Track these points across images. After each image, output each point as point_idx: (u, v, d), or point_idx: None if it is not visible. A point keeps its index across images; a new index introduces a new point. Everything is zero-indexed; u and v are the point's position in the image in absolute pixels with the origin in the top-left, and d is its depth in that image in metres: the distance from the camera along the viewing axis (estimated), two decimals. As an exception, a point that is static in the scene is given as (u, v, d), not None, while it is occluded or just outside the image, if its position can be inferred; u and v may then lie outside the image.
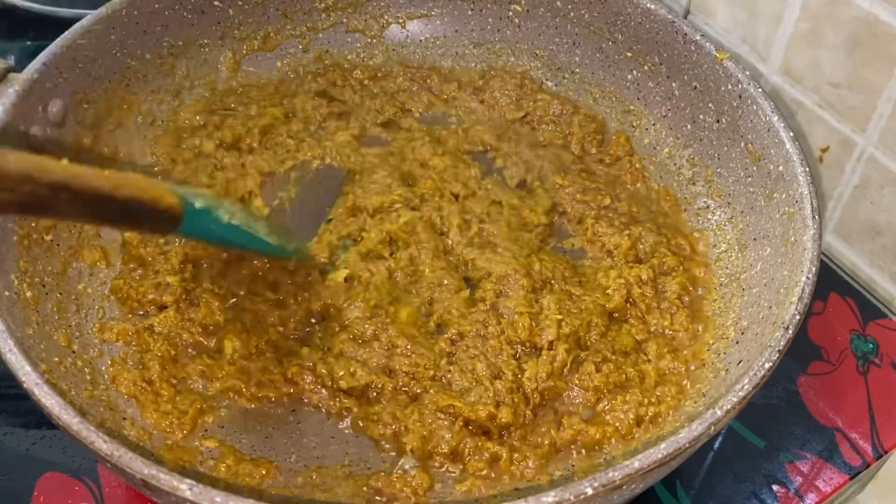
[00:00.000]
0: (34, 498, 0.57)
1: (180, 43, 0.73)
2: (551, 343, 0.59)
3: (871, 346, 0.68)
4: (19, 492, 0.57)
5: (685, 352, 0.61)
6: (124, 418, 0.56)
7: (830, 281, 0.71)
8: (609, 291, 0.63)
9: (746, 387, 0.48)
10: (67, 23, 0.65)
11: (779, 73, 0.69)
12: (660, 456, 0.45)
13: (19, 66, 0.61)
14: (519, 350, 0.60)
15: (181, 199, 0.51)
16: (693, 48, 0.69)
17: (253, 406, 0.58)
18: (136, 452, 0.44)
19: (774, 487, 0.60)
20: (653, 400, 0.58)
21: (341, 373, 0.58)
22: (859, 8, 0.60)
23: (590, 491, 0.44)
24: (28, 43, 0.84)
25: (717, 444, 0.62)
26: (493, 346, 0.59)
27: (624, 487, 0.45)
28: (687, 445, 0.46)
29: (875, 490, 0.67)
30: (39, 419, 0.59)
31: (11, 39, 0.85)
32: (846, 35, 0.62)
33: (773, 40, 0.68)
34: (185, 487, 0.42)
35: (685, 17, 0.75)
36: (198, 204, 0.53)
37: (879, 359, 0.67)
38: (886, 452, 0.62)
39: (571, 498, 0.43)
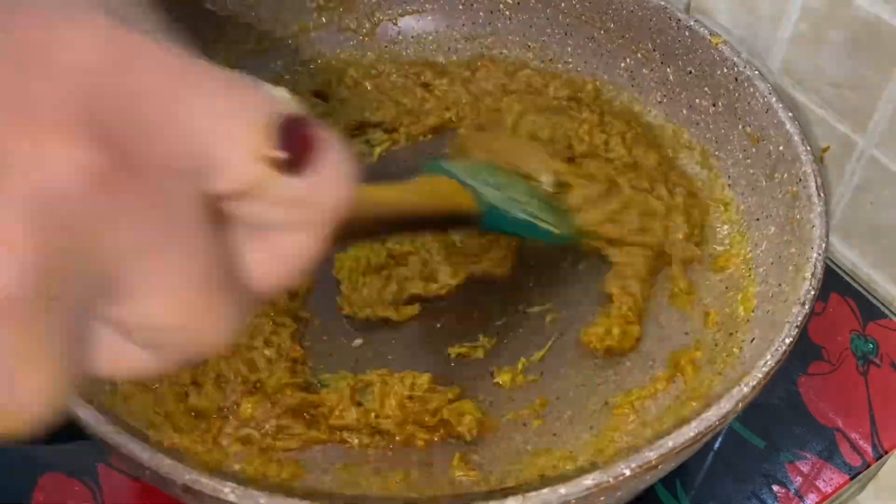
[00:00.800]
0: (34, 498, 0.57)
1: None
2: None
3: (871, 346, 0.68)
4: (19, 492, 0.57)
5: None
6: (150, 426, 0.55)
7: (831, 281, 0.71)
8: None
9: (770, 362, 0.49)
10: None
11: (779, 73, 0.69)
12: (692, 434, 0.46)
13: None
14: None
15: (477, 198, 0.54)
16: (687, 33, 0.69)
17: None
18: (171, 458, 0.44)
19: (774, 487, 0.61)
20: None
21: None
22: (859, 8, 0.60)
23: (627, 472, 0.44)
24: None
25: (717, 444, 0.63)
26: None
27: (659, 468, 0.46)
28: (717, 423, 0.46)
29: (875, 490, 0.68)
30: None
31: None
32: (846, 35, 0.62)
33: (773, 40, 0.68)
34: (227, 490, 0.42)
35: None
36: (489, 198, 0.55)
37: (879, 359, 0.67)
38: (886, 452, 0.63)
39: (611, 480, 0.44)
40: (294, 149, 0.23)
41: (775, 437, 0.63)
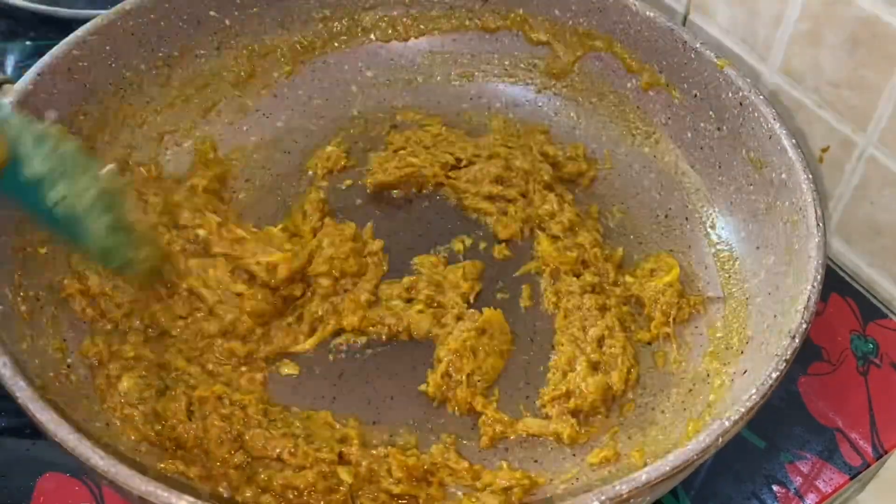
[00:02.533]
0: (34, 498, 0.57)
1: (176, 53, 0.72)
2: None
3: (871, 346, 0.67)
4: (19, 492, 0.57)
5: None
6: (121, 434, 0.55)
7: (831, 281, 0.70)
8: None
9: (754, 397, 0.48)
10: (67, 23, 0.65)
11: (779, 73, 0.68)
12: (667, 469, 0.45)
13: (20, 66, 0.60)
14: None
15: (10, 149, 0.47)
16: (693, 56, 0.68)
17: None
18: (134, 468, 0.43)
19: (774, 487, 0.60)
20: None
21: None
22: (859, 8, 0.59)
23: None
24: (28, 43, 0.84)
25: None
26: None
27: (631, 502, 0.44)
28: (695, 457, 0.45)
29: (875, 490, 0.67)
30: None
31: (11, 39, 0.85)
32: (846, 35, 0.61)
33: (773, 40, 0.67)
34: (183, 504, 0.41)
35: (685, 18, 0.75)
36: (32, 169, 0.48)
37: (879, 359, 0.67)
38: (886, 452, 0.62)
39: (582, 512, 0.42)
40: None
41: (775, 437, 0.62)
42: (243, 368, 0.59)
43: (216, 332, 0.60)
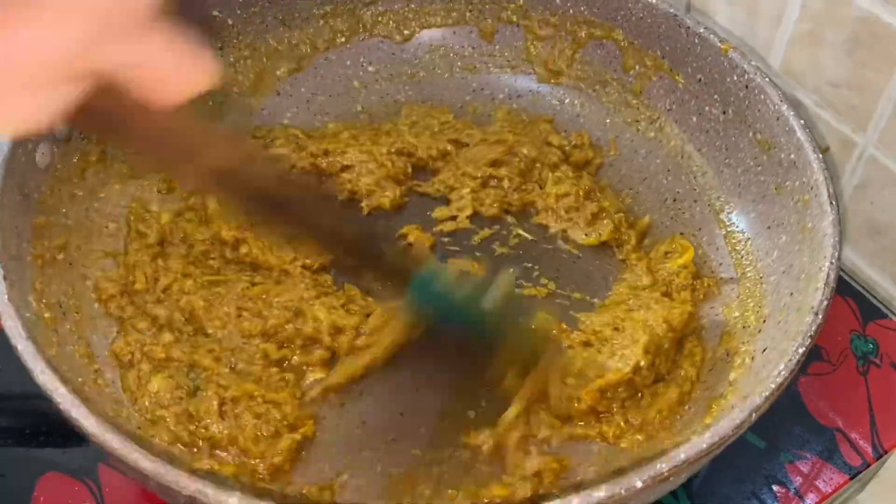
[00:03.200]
0: (34, 498, 0.57)
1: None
2: None
3: (871, 346, 0.68)
4: (19, 492, 0.57)
5: None
6: (153, 435, 0.55)
7: None
8: None
9: (783, 373, 0.49)
10: None
11: (779, 73, 0.69)
12: (704, 446, 0.45)
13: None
14: None
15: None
16: (697, 41, 0.69)
17: None
18: (177, 467, 0.43)
19: (774, 487, 0.60)
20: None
21: None
22: (859, 8, 0.60)
23: (639, 484, 0.44)
24: None
25: None
26: None
27: (671, 480, 0.45)
28: (731, 434, 0.46)
29: (875, 490, 0.68)
30: (39, 419, 0.59)
31: None
32: (846, 35, 0.62)
33: (773, 40, 0.68)
34: (234, 501, 0.42)
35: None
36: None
37: (879, 359, 0.67)
38: (886, 452, 0.62)
39: (622, 492, 0.43)
40: None
41: (775, 437, 0.63)
42: (273, 370, 0.59)
43: (257, 332, 0.60)
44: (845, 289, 0.71)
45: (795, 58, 0.67)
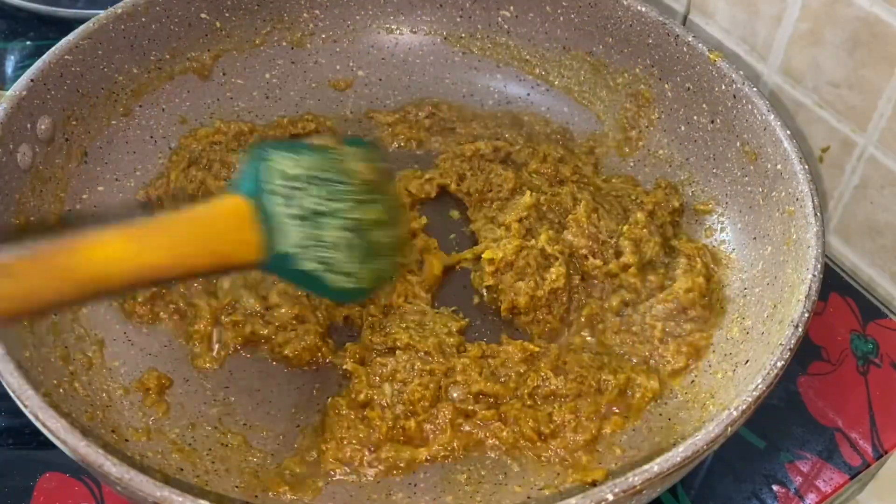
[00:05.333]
0: (34, 498, 0.57)
1: (167, 56, 0.72)
2: None
3: (871, 346, 0.68)
4: (19, 492, 0.57)
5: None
6: (126, 440, 0.54)
7: (831, 281, 0.71)
8: None
9: (760, 386, 0.48)
10: (67, 23, 0.64)
11: (779, 73, 0.69)
12: (678, 459, 0.45)
13: (20, 67, 0.60)
14: None
15: (266, 250, 0.49)
16: (685, 49, 0.69)
17: None
18: (146, 474, 0.43)
19: (774, 487, 0.60)
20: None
21: None
22: (859, 8, 0.60)
23: (610, 497, 0.43)
24: (28, 43, 0.83)
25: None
26: None
27: (644, 493, 0.45)
28: (705, 447, 0.46)
29: (875, 490, 0.67)
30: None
31: (11, 39, 0.84)
32: (846, 35, 0.62)
33: (773, 40, 0.68)
34: (199, 508, 0.41)
35: (685, 17, 0.75)
36: (286, 241, 0.49)
37: (879, 359, 0.67)
38: (886, 452, 0.62)
39: (592, 504, 0.43)
40: None
41: (775, 437, 0.62)
42: None
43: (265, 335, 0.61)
44: (845, 289, 0.71)
45: (795, 58, 0.67)
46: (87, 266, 0.41)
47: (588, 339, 0.63)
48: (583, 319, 0.63)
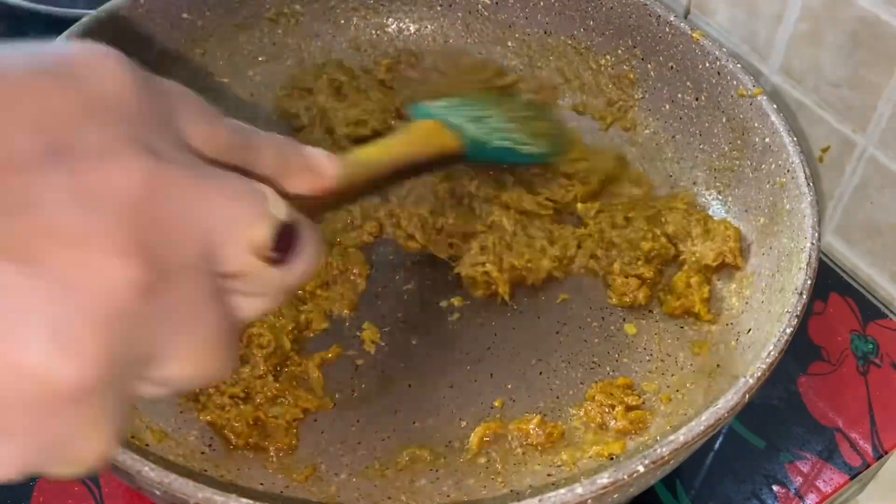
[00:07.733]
0: (34, 498, 0.56)
1: (151, 58, 0.71)
2: None
3: (871, 346, 0.68)
4: (19, 492, 0.57)
5: None
6: (147, 444, 0.54)
7: (831, 281, 0.72)
8: None
9: (773, 353, 0.50)
10: (67, 23, 0.64)
11: (779, 73, 0.70)
12: (702, 428, 0.46)
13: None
14: None
15: (461, 135, 0.59)
16: (668, 29, 0.70)
17: None
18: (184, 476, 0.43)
19: (774, 487, 0.61)
20: None
21: None
22: (860, 8, 0.60)
23: (641, 469, 0.44)
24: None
25: (717, 444, 0.63)
26: None
27: (671, 462, 0.46)
28: (726, 415, 0.47)
29: (875, 490, 0.68)
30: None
31: (11, 39, 0.82)
32: (846, 35, 0.62)
33: (773, 40, 0.68)
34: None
35: (685, 17, 0.75)
36: (472, 133, 0.60)
37: (879, 359, 0.67)
38: (886, 452, 0.63)
39: (625, 477, 0.44)
40: (282, 250, 0.30)
41: (775, 437, 0.63)
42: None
43: None
44: (845, 289, 0.71)
45: (795, 58, 0.68)
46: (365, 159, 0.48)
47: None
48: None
